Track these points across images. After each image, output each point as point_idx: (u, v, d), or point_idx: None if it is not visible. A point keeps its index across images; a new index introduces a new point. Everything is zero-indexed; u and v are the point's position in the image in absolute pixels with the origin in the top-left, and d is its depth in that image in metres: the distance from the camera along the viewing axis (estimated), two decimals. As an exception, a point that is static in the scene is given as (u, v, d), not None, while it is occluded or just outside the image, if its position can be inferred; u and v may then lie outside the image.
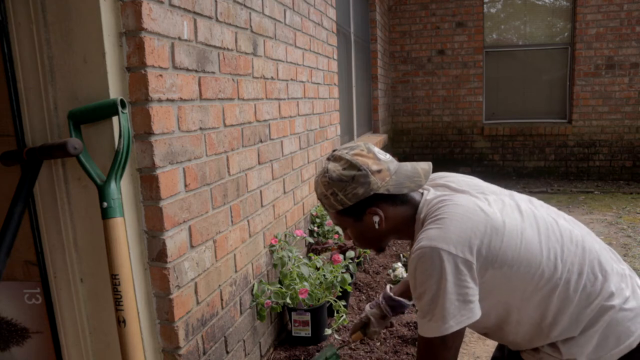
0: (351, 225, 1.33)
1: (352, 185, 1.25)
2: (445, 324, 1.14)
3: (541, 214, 1.26)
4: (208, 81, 1.73)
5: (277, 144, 2.44)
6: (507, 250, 1.16)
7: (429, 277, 1.13)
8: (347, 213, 1.30)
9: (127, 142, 1.32)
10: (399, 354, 2.29)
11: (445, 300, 1.12)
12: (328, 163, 1.31)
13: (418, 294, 1.18)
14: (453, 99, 7.26)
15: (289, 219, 2.62)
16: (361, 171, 1.25)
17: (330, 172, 1.27)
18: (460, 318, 1.14)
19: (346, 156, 1.27)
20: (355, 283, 3.12)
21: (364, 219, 1.29)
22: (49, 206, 1.44)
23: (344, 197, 1.26)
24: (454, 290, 1.12)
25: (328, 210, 1.34)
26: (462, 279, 1.13)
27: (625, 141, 6.78)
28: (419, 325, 1.21)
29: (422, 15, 7.17)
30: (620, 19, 6.57)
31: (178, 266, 1.54)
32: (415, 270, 1.16)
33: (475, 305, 1.15)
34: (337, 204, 1.28)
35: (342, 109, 4.32)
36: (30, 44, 1.36)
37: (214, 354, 1.78)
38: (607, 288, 1.19)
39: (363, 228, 1.31)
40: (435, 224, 1.18)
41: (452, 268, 1.12)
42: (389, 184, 1.26)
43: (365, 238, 1.36)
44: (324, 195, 1.30)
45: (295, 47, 2.73)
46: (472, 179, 1.39)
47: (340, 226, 1.37)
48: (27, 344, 1.56)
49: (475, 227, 1.16)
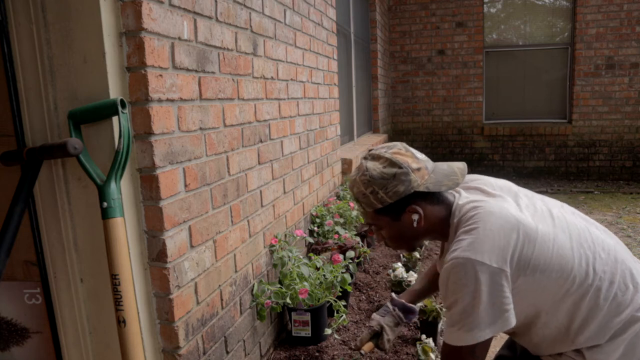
0: (388, 225, 1.32)
1: (393, 183, 1.24)
2: (479, 333, 1.14)
3: (573, 221, 1.26)
4: (208, 81, 1.73)
5: (277, 144, 2.44)
6: (539, 256, 1.17)
7: (462, 287, 1.13)
8: (385, 212, 1.29)
9: (127, 142, 1.32)
10: (399, 354, 2.29)
11: (480, 310, 1.13)
12: (366, 162, 1.30)
13: (449, 303, 1.18)
14: (453, 99, 7.27)
15: (289, 219, 2.62)
16: (402, 169, 1.25)
17: (371, 171, 1.26)
18: (494, 327, 1.14)
19: (385, 154, 1.27)
20: (355, 283, 3.12)
21: (402, 218, 1.29)
22: (49, 206, 1.44)
23: (384, 195, 1.25)
24: (488, 300, 1.13)
25: (364, 210, 1.32)
26: (497, 289, 1.13)
27: (625, 141, 6.78)
28: (447, 334, 1.20)
29: (422, 15, 7.17)
30: (620, 19, 6.57)
31: (178, 266, 1.54)
32: (448, 280, 1.16)
33: (510, 314, 1.16)
34: (376, 203, 1.27)
35: (342, 109, 4.32)
36: (30, 44, 1.36)
37: (214, 354, 1.78)
38: (637, 299, 1.19)
39: (400, 227, 1.31)
40: (469, 234, 1.17)
41: (486, 278, 1.12)
42: (428, 182, 1.27)
43: (401, 237, 1.34)
44: (362, 194, 1.28)
45: (295, 47, 2.73)
46: (504, 182, 1.38)
47: (375, 226, 1.36)
48: (27, 344, 1.56)
49: (508, 235, 1.16)
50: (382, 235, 1.38)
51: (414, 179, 1.25)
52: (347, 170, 3.94)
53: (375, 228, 1.36)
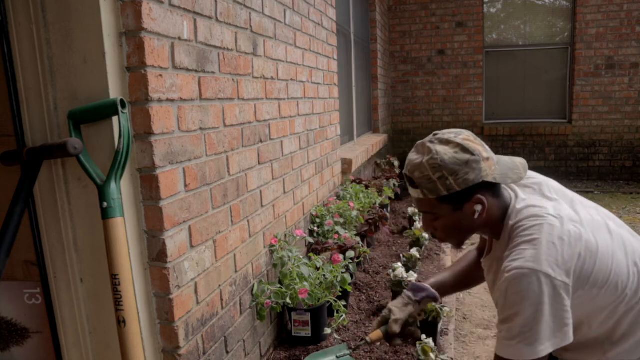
0: (447, 215, 1.24)
1: (464, 170, 1.18)
2: (540, 346, 1.11)
3: (627, 237, 1.25)
4: (208, 81, 1.73)
5: (277, 144, 2.44)
6: (599, 272, 1.15)
7: (524, 299, 1.10)
8: (448, 200, 1.21)
9: (127, 142, 1.32)
10: (399, 354, 2.29)
11: (542, 323, 1.10)
12: (433, 145, 1.21)
13: (508, 315, 1.14)
14: (453, 99, 7.26)
15: (289, 219, 2.62)
16: (474, 156, 1.19)
17: (442, 155, 1.18)
18: (555, 340, 1.11)
19: (456, 139, 1.21)
20: (355, 283, 3.12)
21: (464, 208, 1.22)
22: (49, 206, 1.44)
23: (453, 182, 1.18)
24: (551, 313, 1.10)
25: (425, 197, 1.22)
26: (559, 302, 1.11)
27: (625, 141, 6.78)
28: (505, 347, 1.16)
29: (422, 15, 7.17)
30: (620, 19, 6.56)
31: (178, 266, 1.54)
32: (508, 291, 1.13)
33: (569, 329, 1.13)
34: (442, 190, 1.19)
35: (342, 109, 4.32)
36: (30, 44, 1.36)
37: (214, 354, 1.78)
38: None
39: (460, 217, 1.24)
40: (531, 245, 1.14)
41: (550, 291, 1.09)
42: (495, 173, 1.22)
43: (456, 229, 1.28)
44: (427, 179, 1.19)
45: (295, 47, 2.73)
46: (559, 186, 1.35)
47: (430, 214, 1.27)
48: (27, 344, 1.56)
49: (571, 248, 1.13)
50: (433, 226, 1.30)
51: (484, 168, 1.20)
52: (347, 170, 3.93)
53: (430, 217, 1.28)
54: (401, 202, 5.50)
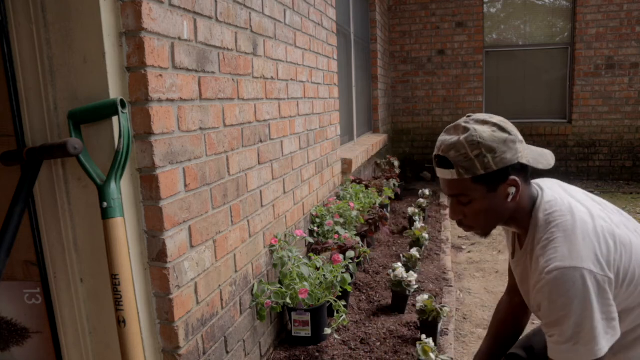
0: (481, 197, 1.21)
1: (502, 148, 1.17)
2: (597, 345, 1.08)
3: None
4: (208, 81, 1.73)
5: (277, 144, 2.44)
6: (636, 267, 1.14)
7: (571, 299, 1.08)
8: (483, 181, 1.19)
9: (127, 142, 1.32)
10: (399, 354, 2.29)
11: (594, 320, 1.07)
12: (470, 124, 1.20)
13: (557, 318, 1.11)
14: (453, 99, 7.26)
15: (289, 219, 2.62)
16: (511, 135, 1.19)
17: (480, 132, 1.17)
18: (608, 337, 1.09)
19: (492, 120, 1.21)
20: (355, 283, 3.12)
21: (498, 190, 1.20)
22: (49, 206, 1.44)
23: (491, 160, 1.16)
24: (600, 309, 1.08)
25: (460, 177, 1.19)
26: (605, 297, 1.09)
27: (625, 141, 6.78)
28: (561, 352, 1.12)
29: (422, 15, 7.17)
30: (620, 19, 6.56)
31: (178, 266, 1.54)
32: (552, 293, 1.10)
33: (617, 323, 1.11)
34: (479, 168, 1.17)
35: (342, 109, 4.32)
36: (30, 44, 1.36)
37: (214, 354, 1.78)
38: None
39: (493, 200, 1.21)
40: (566, 241, 1.12)
41: (595, 286, 1.08)
42: (529, 156, 1.21)
43: (488, 213, 1.24)
44: (465, 157, 1.17)
45: (295, 47, 2.73)
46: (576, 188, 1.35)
47: (463, 196, 1.23)
48: (27, 344, 1.56)
49: (606, 243, 1.12)
50: (462, 212, 1.26)
51: (519, 149, 1.19)
52: (347, 170, 3.93)
53: (461, 200, 1.24)
54: (401, 202, 5.50)
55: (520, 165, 1.20)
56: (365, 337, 2.44)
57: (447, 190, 1.26)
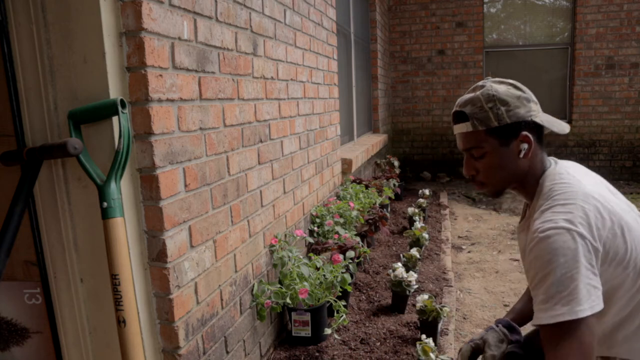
0: (493, 150, 1.27)
1: (516, 103, 1.24)
2: (579, 306, 1.06)
3: None
4: (208, 81, 1.73)
5: (277, 144, 2.44)
6: (629, 251, 1.15)
7: (558, 256, 1.08)
8: (496, 133, 1.25)
9: (127, 142, 1.32)
10: (399, 354, 2.29)
11: (579, 281, 1.06)
12: (486, 82, 1.29)
13: (543, 274, 1.10)
14: (453, 99, 7.25)
15: (289, 219, 2.62)
16: (525, 94, 1.27)
17: (496, 87, 1.26)
18: (592, 303, 1.07)
19: (509, 80, 1.30)
20: (355, 283, 3.12)
21: (510, 145, 1.26)
22: (49, 206, 1.44)
23: (504, 113, 1.23)
24: (585, 274, 1.07)
25: (474, 128, 1.26)
26: (592, 264, 1.09)
27: (625, 141, 6.78)
28: (542, 312, 1.10)
29: (422, 15, 7.17)
30: (620, 19, 6.56)
31: (178, 266, 1.54)
32: (542, 250, 1.10)
33: (600, 294, 1.09)
34: (493, 120, 1.24)
35: (342, 109, 4.32)
36: (30, 44, 1.36)
37: (214, 354, 1.78)
38: None
39: (505, 155, 1.26)
40: (565, 208, 1.14)
41: (585, 250, 1.09)
42: (543, 118, 1.27)
43: (499, 169, 1.28)
44: (480, 108, 1.25)
45: (295, 47, 2.73)
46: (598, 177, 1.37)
47: (477, 149, 1.28)
48: (27, 344, 1.56)
49: (603, 220, 1.14)
50: (474, 166, 1.31)
51: (534, 108, 1.26)
52: (347, 170, 3.93)
53: (475, 153, 1.29)
54: (401, 202, 5.50)
55: (534, 124, 1.26)
56: (365, 337, 2.45)
57: (462, 145, 1.33)
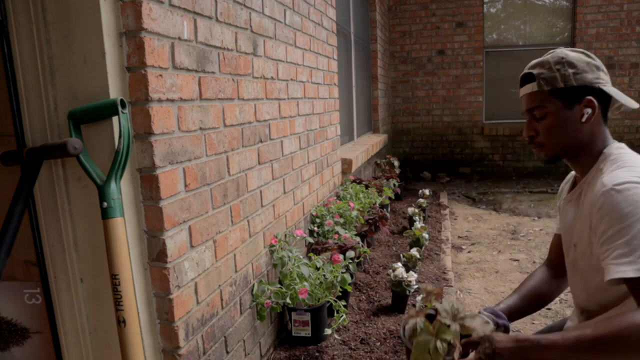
0: (556, 111, 1.27)
1: (584, 67, 1.25)
2: None
3: None
4: (208, 81, 1.73)
5: (277, 144, 2.44)
6: None
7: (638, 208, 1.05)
8: (561, 95, 1.25)
9: (127, 142, 1.32)
10: (399, 354, 2.29)
11: None
12: (558, 48, 1.32)
13: (621, 227, 1.06)
14: (453, 99, 7.27)
15: (289, 219, 2.62)
16: (595, 61, 1.27)
17: (567, 51, 1.28)
18: None
19: (580, 49, 1.31)
20: (355, 283, 3.12)
21: (574, 108, 1.25)
22: (49, 206, 1.44)
23: (571, 75, 1.24)
24: None
25: (540, 88, 1.27)
26: None
27: (625, 141, 6.71)
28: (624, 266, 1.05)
29: (422, 15, 7.17)
30: (620, 19, 6.57)
31: (178, 266, 1.54)
32: (619, 204, 1.08)
33: None
34: (559, 80, 1.25)
35: (342, 109, 4.32)
36: (30, 44, 1.36)
37: (214, 354, 1.78)
38: None
39: (567, 118, 1.26)
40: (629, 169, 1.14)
41: None
42: (612, 89, 1.27)
43: (560, 130, 1.28)
44: (548, 68, 1.26)
45: (295, 47, 2.73)
46: None
47: (539, 110, 1.29)
48: (27, 344, 1.56)
49: None
50: (535, 127, 1.31)
51: (603, 77, 1.26)
52: (347, 170, 3.93)
53: (537, 113, 1.29)
54: (401, 202, 5.50)
55: (600, 92, 1.26)
56: (365, 337, 2.45)
57: (526, 105, 1.33)
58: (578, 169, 1.35)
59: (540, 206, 5.60)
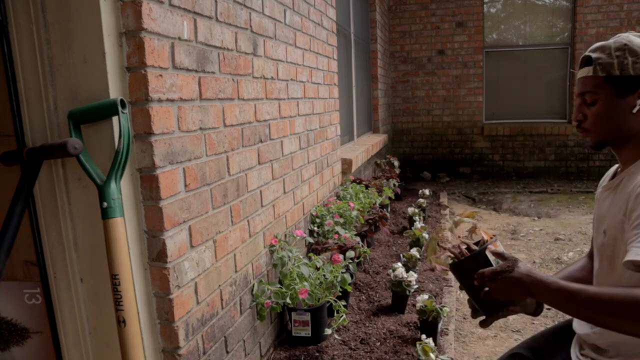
0: (607, 98, 1.25)
1: None
2: None
3: None
4: (208, 81, 1.73)
5: (277, 144, 2.44)
6: None
7: None
8: (615, 83, 1.23)
9: (127, 142, 1.32)
10: (399, 354, 2.29)
11: None
12: (625, 33, 1.27)
13: None
14: (453, 99, 7.27)
15: (289, 219, 2.62)
16: None
17: (631, 38, 1.23)
18: None
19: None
20: (355, 283, 3.12)
21: (626, 98, 1.23)
22: (49, 206, 1.44)
23: (630, 63, 1.21)
24: None
25: (595, 73, 1.25)
26: None
27: None
28: None
29: (422, 15, 7.17)
30: (620, 19, 6.57)
31: (178, 266, 1.54)
32: None
33: None
34: (615, 68, 1.22)
35: (342, 109, 4.32)
36: (30, 44, 1.36)
37: (214, 354, 1.78)
38: None
39: (618, 107, 1.24)
40: None
41: None
42: None
43: (609, 119, 1.26)
44: (608, 53, 1.23)
45: (295, 47, 2.73)
46: None
47: (590, 95, 1.27)
48: (27, 344, 1.56)
49: None
50: (584, 112, 1.30)
51: None
52: (347, 170, 3.93)
53: (588, 98, 1.28)
54: (401, 202, 5.50)
55: None
56: (365, 337, 2.45)
57: (579, 88, 1.31)
58: (622, 159, 1.34)
59: (540, 206, 5.61)
